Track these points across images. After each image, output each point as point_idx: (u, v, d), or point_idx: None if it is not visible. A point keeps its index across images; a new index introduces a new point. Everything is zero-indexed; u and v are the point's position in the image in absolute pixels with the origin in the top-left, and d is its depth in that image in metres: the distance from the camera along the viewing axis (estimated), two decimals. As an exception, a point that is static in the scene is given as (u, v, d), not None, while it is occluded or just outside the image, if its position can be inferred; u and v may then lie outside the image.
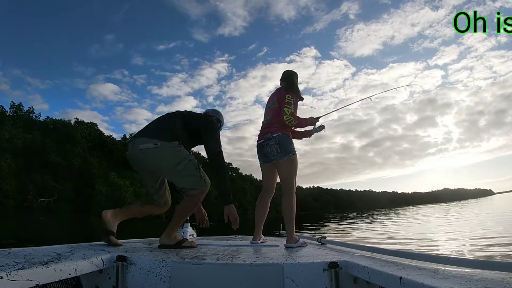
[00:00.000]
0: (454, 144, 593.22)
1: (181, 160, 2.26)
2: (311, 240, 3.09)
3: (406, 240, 8.82)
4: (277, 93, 2.87)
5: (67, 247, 1.81)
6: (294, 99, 2.75)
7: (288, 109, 2.67)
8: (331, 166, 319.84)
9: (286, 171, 2.69)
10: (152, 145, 2.23)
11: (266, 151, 2.74)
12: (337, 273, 1.55)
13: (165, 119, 2.51)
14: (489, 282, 1.06)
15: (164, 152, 2.25)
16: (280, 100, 2.74)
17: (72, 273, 1.37)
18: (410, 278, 1.16)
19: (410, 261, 1.65)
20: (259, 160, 2.91)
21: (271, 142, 2.68)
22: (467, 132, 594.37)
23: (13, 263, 1.25)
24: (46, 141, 36.07)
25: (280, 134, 2.68)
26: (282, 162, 2.67)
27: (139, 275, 1.61)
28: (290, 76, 2.94)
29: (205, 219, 2.77)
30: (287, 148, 2.67)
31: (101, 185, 35.59)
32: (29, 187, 31.58)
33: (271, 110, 2.83)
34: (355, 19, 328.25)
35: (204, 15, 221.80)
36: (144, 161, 2.33)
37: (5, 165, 30.23)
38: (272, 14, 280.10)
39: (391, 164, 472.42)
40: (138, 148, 2.27)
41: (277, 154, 2.67)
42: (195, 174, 2.28)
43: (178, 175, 2.27)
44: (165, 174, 2.43)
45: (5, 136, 32.24)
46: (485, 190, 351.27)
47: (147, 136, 2.30)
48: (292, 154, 2.68)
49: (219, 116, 2.88)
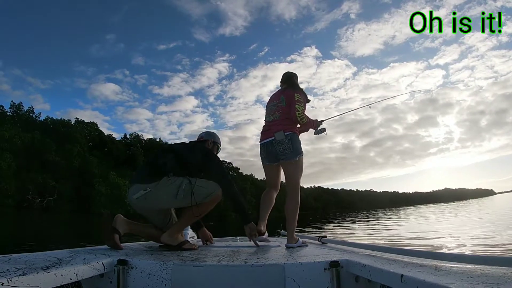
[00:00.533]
0: (455, 143, 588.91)
1: (177, 189, 2.27)
2: (312, 239, 3.05)
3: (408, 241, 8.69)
4: (283, 91, 2.82)
5: (67, 252, 1.81)
6: (303, 98, 2.72)
7: (299, 106, 2.64)
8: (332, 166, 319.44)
9: (295, 171, 2.63)
10: (143, 191, 2.26)
11: (277, 150, 2.63)
12: (338, 272, 1.56)
13: (153, 161, 2.48)
14: (490, 277, 1.06)
15: (157, 193, 2.27)
16: (289, 98, 2.69)
17: (73, 278, 1.37)
18: (411, 275, 1.16)
19: (411, 258, 1.64)
20: (262, 160, 2.82)
21: (284, 141, 2.59)
22: (468, 132, 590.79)
23: (14, 269, 1.24)
24: (45, 140, 36.02)
25: (292, 133, 2.63)
26: (293, 162, 2.60)
27: (140, 279, 1.62)
28: (291, 78, 2.94)
29: (210, 240, 2.90)
30: (298, 148, 2.63)
31: (100, 184, 35.62)
32: (28, 186, 31.50)
33: (279, 108, 2.74)
34: (356, 19, 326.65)
35: (205, 15, 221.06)
36: (143, 208, 2.37)
37: (5, 165, 30.15)
38: (273, 14, 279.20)
39: (392, 164, 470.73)
40: (133, 198, 2.30)
41: (289, 153, 2.59)
42: (202, 185, 2.31)
43: (184, 200, 2.28)
44: (172, 207, 2.49)
45: (4, 136, 32.15)
46: (486, 190, 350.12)
47: (138, 182, 2.32)
48: (301, 155, 2.64)
49: (214, 138, 2.81)
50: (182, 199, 2.27)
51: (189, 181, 2.29)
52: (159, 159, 2.42)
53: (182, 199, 2.26)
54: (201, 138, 2.81)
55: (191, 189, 2.26)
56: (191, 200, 2.26)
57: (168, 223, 2.49)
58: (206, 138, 2.78)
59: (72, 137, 39.85)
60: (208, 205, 2.34)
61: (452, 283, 1.01)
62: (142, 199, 2.27)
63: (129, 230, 2.33)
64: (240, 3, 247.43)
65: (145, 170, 2.47)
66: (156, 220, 2.49)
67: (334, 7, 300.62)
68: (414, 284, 1.11)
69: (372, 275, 1.39)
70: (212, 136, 2.81)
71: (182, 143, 2.69)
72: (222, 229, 18.66)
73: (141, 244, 2.62)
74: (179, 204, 2.36)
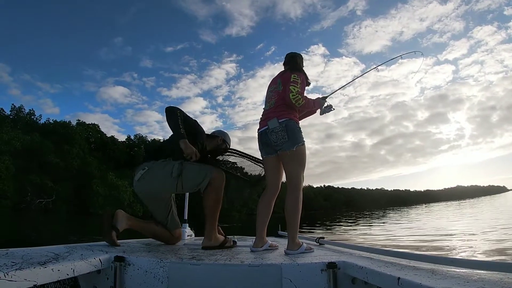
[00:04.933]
0: (466, 140, 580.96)
1: (171, 168, 2.38)
2: (309, 241, 2.96)
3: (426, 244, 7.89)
4: (281, 75, 2.55)
5: (64, 248, 1.80)
6: (301, 78, 2.41)
7: (294, 87, 2.33)
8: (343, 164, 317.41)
9: (294, 164, 2.32)
10: (142, 171, 2.42)
11: (270, 140, 2.35)
12: (335, 274, 1.56)
13: (152, 145, 2.76)
14: (487, 282, 1.07)
15: (154, 171, 2.42)
16: (285, 81, 2.42)
17: (70, 273, 1.36)
18: (408, 278, 1.17)
19: (408, 261, 1.65)
20: (260, 152, 2.54)
21: (277, 129, 2.32)
22: (479, 128, 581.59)
23: (11, 263, 1.25)
24: (44, 142, 36.38)
25: (288, 119, 2.33)
26: (289, 153, 2.29)
27: (137, 276, 1.62)
28: (294, 58, 2.63)
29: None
30: (296, 136, 2.32)
31: (98, 185, 35.74)
32: (27, 188, 31.88)
33: (275, 94, 2.49)
34: (362, 16, 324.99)
35: (211, 16, 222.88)
36: (144, 190, 2.50)
37: (3, 166, 30.61)
38: (279, 13, 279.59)
39: (403, 161, 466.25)
40: (135, 181, 2.47)
41: (284, 143, 2.30)
42: (194, 169, 2.41)
43: (180, 180, 2.38)
44: (171, 188, 2.46)
45: (3, 138, 32.65)
46: (498, 186, 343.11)
47: (138, 166, 2.50)
48: (301, 144, 2.32)
49: (225, 137, 2.92)
50: (176, 178, 2.36)
51: (180, 163, 2.40)
52: (158, 143, 2.66)
53: (176, 177, 2.36)
54: (213, 133, 2.93)
55: (181, 169, 2.37)
56: (188, 180, 2.38)
57: (168, 216, 2.60)
58: (218, 134, 2.91)
59: (71, 139, 40.14)
60: (214, 190, 2.40)
61: (449, 287, 1.02)
62: (142, 179, 2.41)
63: (129, 225, 2.37)
64: (246, 3, 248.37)
65: (145, 154, 2.55)
66: (156, 209, 2.60)
67: (340, 5, 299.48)
68: (410, 287, 1.11)
69: (369, 277, 1.39)
70: (223, 134, 2.93)
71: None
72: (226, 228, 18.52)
73: (139, 241, 2.63)
74: (176, 186, 2.40)
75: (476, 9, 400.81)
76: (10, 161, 31.68)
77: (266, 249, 2.34)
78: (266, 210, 2.45)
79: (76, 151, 39.60)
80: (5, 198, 30.19)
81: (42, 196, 32.98)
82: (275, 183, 2.49)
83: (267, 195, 2.48)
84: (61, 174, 35.70)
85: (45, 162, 35.16)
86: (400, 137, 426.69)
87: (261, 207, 2.46)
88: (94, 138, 47.82)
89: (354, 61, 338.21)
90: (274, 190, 2.48)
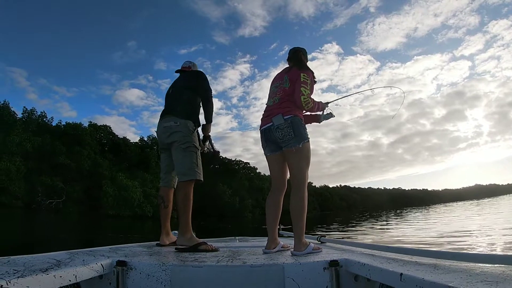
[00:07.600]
0: (485, 138, 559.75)
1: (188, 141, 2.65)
2: (311, 239, 2.88)
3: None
4: (288, 71, 2.49)
5: (66, 254, 1.81)
6: (310, 78, 2.38)
7: (305, 90, 2.32)
8: (359, 164, 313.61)
9: (299, 161, 2.30)
10: (174, 123, 2.67)
11: (276, 137, 2.34)
12: (338, 272, 1.56)
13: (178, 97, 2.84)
14: (489, 275, 1.07)
15: (181, 129, 2.65)
16: (294, 79, 2.38)
17: (72, 279, 1.36)
18: (410, 274, 1.17)
19: (410, 257, 1.66)
20: (263, 150, 2.51)
21: (283, 125, 2.29)
22: (498, 125, 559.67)
23: (13, 271, 1.25)
24: (55, 143, 36.88)
25: (293, 116, 2.31)
26: (295, 149, 2.27)
27: (139, 280, 1.61)
28: (297, 53, 2.58)
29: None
30: (301, 133, 2.30)
31: (108, 186, 35.87)
32: (38, 189, 32.28)
33: (281, 90, 2.44)
34: (375, 12, 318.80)
35: (224, 17, 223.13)
36: (165, 137, 2.70)
37: (14, 168, 31.08)
38: (291, 12, 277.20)
39: (421, 160, 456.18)
40: (162, 126, 2.72)
41: (290, 139, 2.28)
42: (192, 157, 2.62)
43: (185, 153, 2.61)
44: (180, 152, 2.64)
45: (15, 140, 33.19)
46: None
47: (172, 115, 2.73)
48: (306, 141, 2.32)
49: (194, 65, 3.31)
50: (187, 151, 2.63)
51: (197, 151, 2.71)
52: (183, 96, 2.80)
53: (188, 151, 2.62)
54: (185, 63, 3.25)
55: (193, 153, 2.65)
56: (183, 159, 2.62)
57: (167, 172, 2.83)
58: (189, 65, 3.23)
59: (82, 140, 40.55)
60: (188, 187, 2.58)
61: (451, 281, 1.02)
62: (168, 127, 2.66)
63: (169, 233, 2.81)
64: (258, 3, 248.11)
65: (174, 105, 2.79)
66: (164, 165, 2.84)
67: (352, 2, 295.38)
68: (413, 282, 1.12)
69: (371, 274, 1.40)
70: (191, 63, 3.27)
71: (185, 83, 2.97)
72: (222, 230, 18.29)
73: (140, 245, 2.67)
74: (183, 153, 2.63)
75: (491, 2, 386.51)
76: (21, 163, 32.18)
77: (279, 251, 2.30)
78: (275, 210, 2.44)
79: (87, 152, 39.92)
80: (16, 199, 30.61)
81: (53, 197, 33.31)
82: (282, 181, 2.48)
83: (275, 194, 2.46)
84: (72, 175, 36.07)
85: (56, 164, 35.56)
86: (417, 135, 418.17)
87: (269, 205, 2.46)
88: (106, 140, 48.22)
89: (369, 58, 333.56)
90: (281, 188, 2.47)
